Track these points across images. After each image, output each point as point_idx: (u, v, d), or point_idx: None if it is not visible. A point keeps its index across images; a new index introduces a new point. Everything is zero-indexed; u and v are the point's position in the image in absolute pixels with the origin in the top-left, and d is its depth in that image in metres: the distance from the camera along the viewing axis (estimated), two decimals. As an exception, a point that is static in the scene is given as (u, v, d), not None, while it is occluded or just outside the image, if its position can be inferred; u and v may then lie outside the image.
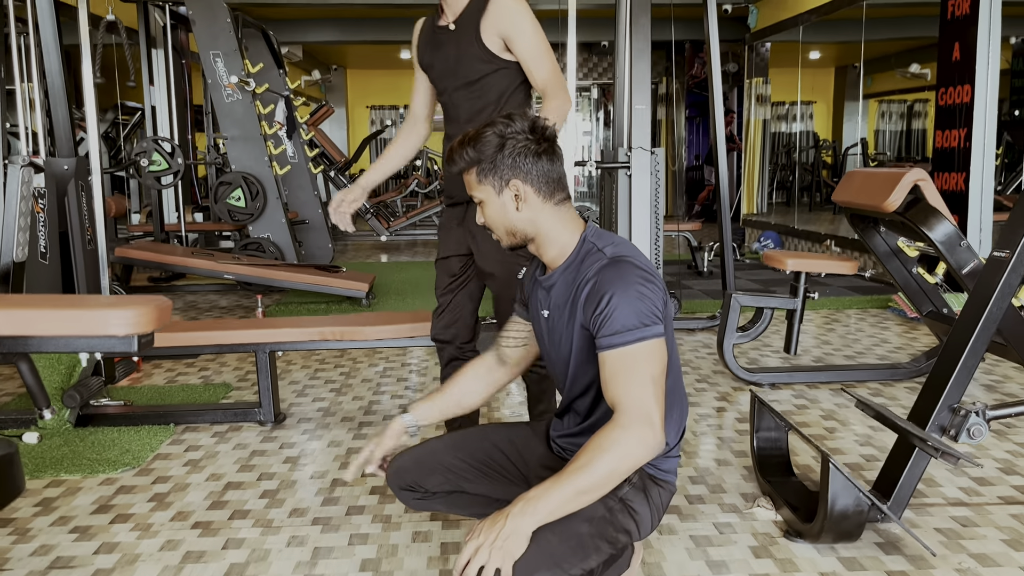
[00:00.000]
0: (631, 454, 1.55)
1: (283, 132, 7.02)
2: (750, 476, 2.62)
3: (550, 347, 1.84)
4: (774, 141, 12.26)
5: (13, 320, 1.79)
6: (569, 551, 1.55)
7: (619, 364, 1.60)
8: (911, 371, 3.67)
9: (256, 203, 6.38)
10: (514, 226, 1.75)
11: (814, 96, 13.97)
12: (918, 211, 3.31)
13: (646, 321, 1.59)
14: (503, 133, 1.70)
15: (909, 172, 3.27)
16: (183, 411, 3.26)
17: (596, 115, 14.12)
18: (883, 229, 3.75)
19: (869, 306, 5.46)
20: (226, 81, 6.24)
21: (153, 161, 6.15)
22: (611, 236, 1.76)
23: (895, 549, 2.13)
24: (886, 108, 13.70)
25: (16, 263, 3.43)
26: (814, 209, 11.83)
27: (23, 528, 2.34)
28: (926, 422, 2.24)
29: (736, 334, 3.62)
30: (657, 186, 4.36)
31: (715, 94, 4.50)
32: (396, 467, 1.96)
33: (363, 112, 14.90)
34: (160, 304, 1.91)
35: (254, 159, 6.48)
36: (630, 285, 1.61)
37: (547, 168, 1.72)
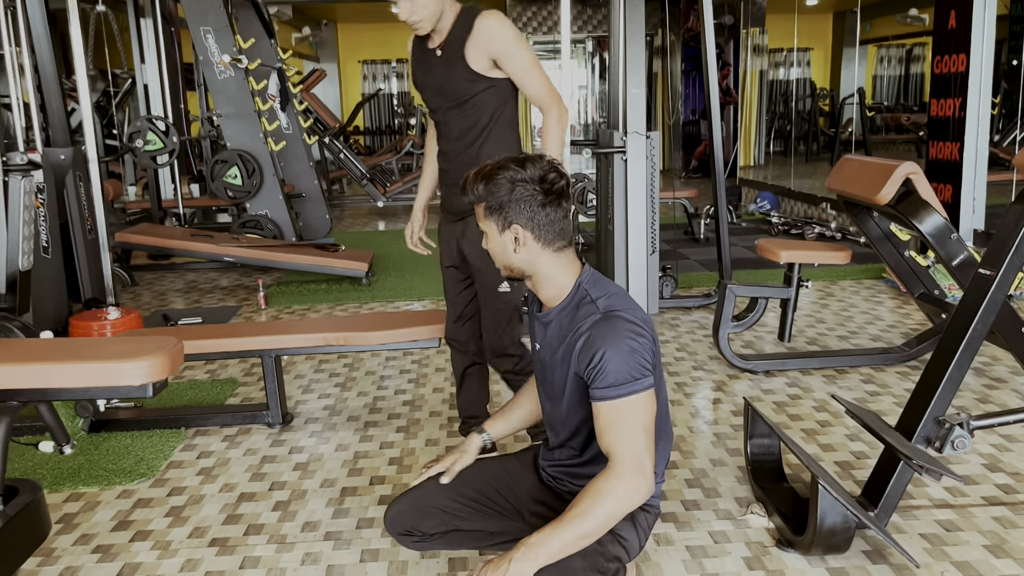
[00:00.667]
0: (626, 502, 1.69)
1: (277, 105, 6.98)
2: (744, 478, 2.72)
3: (542, 382, 1.95)
4: (771, 90, 12.17)
5: (31, 375, 1.85)
6: None
7: (613, 415, 1.70)
8: (903, 356, 3.75)
9: (253, 180, 6.38)
10: (511, 264, 1.85)
11: (811, 43, 13.81)
12: (909, 204, 3.36)
13: (636, 375, 1.70)
14: (514, 179, 1.77)
15: (901, 166, 3.31)
16: (193, 414, 3.35)
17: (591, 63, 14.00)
18: (876, 215, 3.80)
19: (863, 276, 5.53)
20: (218, 59, 6.18)
21: (148, 141, 6.13)
22: (605, 285, 1.84)
23: (881, 558, 2.24)
24: (884, 53, 13.54)
25: (22, 272, 3.48)
26: (811, 159, 11.82)
27: (48, 549, 2.44)
28: (913, 432, 2.32)
29: (731, 324, 3.69)
30: (653, 169, 4.39)
31: (709, 54, 4.46)
32: (393, 514, 2.07)
33: (355, 67, 14.74)
34: (173, 350, 1.97)
35: (249, 136, 6.46)
36: (621, 340, 1.71)
37: (551, 218, 1.79)
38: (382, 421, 3.33)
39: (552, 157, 2.15)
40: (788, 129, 12.31)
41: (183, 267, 6.45)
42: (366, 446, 3.10)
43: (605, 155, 4.52)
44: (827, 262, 3.73)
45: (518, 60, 2.46)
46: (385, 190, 9.46)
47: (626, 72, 4.31)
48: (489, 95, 2.50)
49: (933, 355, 2.39)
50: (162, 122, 6.27)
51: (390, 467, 2.91)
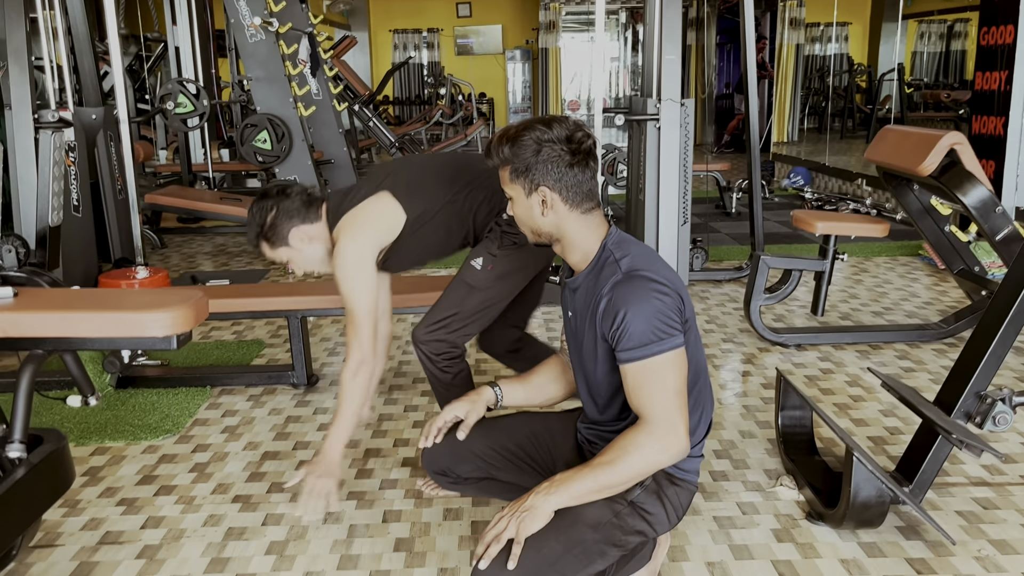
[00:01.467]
0: (654, 459, 1.65)
1: (307, 70, 6.94)
2: (774, 450, 2.66)
3: (574, 350, 1.89)
4: (807, 65, 11.92)
5: (59, 323, 1.84)
6: (573, 558, 1.64)
7: (640, 377, 1.66)
8: (939, 332, 3.66)
9: (282, 145, 6.35)
10: (539, 228, 1.80)
11: (850, 17, 13.48)
12: (953, 175, 3.25)
13: (661, 335, 1.64)
14: (540, 139, 1.71)
15: (945, 136, 3.20)
16: (219, 373, 3.35)
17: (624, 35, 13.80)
18: (916, 188, 3.70)
19: (899, 253, 5.41)
20: (249, 21, 6.14)
21: (179, 104, 6.12)
22: (629, 244, 1.78)
23: (915, 534, 2.18)
24: (925, 29, 13.18)
25: (52, 227, 3.48)
26: (846, 136, 11.58)
27: (73, 500, 2.45)
28: (952, 407, 2.25)
29: (764, 296, 3.61)
30: (686, 138, 4.29)
31: (747, 24, 4.35)
32: (432, 452, 2.05)
33: (386, 36, 14.64)
34: (197, 302, 1.95)
35: (279, 100, 6.42)
36: (643, 299, 1.65)
37: (579, 179, 1.74)
38: (407, 385, 3.31)
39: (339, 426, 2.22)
40: (823, 105, 12.07)
41: (212, 231, 6.47)
42: (390, 408, 3.08)
43: (638, 123, 4.43)
44: (864, 234, 3.64)
45: (340, 292, 2.28)
46: (414, 159, 9.40)
47: (661, 37, 4.21)
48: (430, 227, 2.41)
49: (976, 328, 2.31)
50: (193, 85, 6.25)
51: (414, 430, 2.89)
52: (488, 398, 2.04)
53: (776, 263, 3.60)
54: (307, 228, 2.32)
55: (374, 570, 2.08)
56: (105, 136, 4.72)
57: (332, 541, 2.21)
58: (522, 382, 2.10)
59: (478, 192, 2.39)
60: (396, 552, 2.15)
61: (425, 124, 11.01)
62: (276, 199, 2.31)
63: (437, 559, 2.12)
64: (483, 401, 2.03)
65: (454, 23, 14.63)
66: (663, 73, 4.23)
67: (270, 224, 2.29)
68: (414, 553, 2.15)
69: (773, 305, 4.24)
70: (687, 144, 4.29)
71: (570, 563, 1.63)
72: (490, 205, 2.39)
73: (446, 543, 2.19)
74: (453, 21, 14.63)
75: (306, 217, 2.32)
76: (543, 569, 1.60)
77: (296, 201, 2.31)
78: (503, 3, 14.47)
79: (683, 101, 4.23)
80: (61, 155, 3.55)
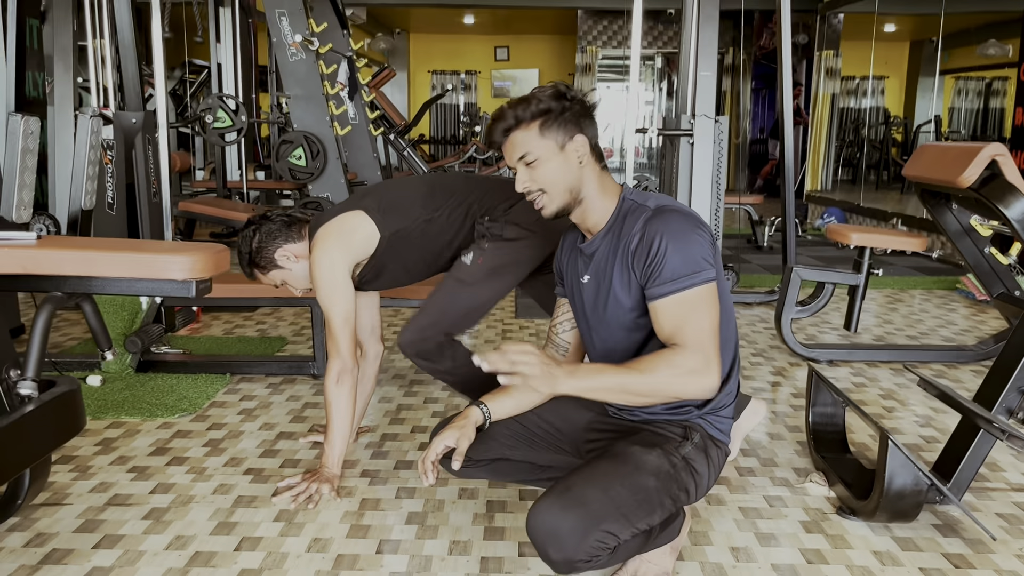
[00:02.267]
0: (683, 382, 1.59)
1: (345, 93, 7.04)
2: (803, 452, 2.57)
3: (591, 314, 1.81)
4: (842, 116, 11.91)
5: (77, 260, 1.83)
6: (636, 504, 1.57)
7: (675, 310, 1.60)
8: (978, 354, 3.55)
9: (316, 162, 6.42)
10: (573, 183, 1.71)
11: (886, 71, 13.50)
12: (995, 187, 3.16)
13: (697, 268, 1.59)
14: (560, 93, 1.69)
15: (987, 147, 3.13)
16: (239, 362, 3.33)
17: (659, 85, 13.90)
18: (955, 206, 3.61)
19: (935, 287, 5.30)
20: (291, 40, 6.26)
21: (218, 118, 6.23)
22: (648, 193, 1.75)
23: (953, 532, 2.07)
24: (963, 85, 13.15)
25: (84, 211, 3.51)
26: (881, 188, 11.50)
27: (84, 465, 2.41)
28: (992, 404, 2.16)
29: (795, 308, 3.53)
30: (720, 155, 4.27)
31: (784, 64, 4.37)
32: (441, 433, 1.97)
33: (424, 77, 14.88)
34: (218, 252, 1.94)
35: (316, 118, 6.51)
36: (678, 232, 1.61)
37: (595, 131, 1.72)
38: (428, 380, 3.25)
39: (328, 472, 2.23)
40: (857, 157, 12.03)
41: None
42: (410, 400, 3.03)
43: (671, 139, 4.42)
44: (901, 247, 3.56)
45: (317, 297, 2.26)
46: (446, 190, 9.47)
47: (697, 53, 4.22)
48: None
49: (1018, 325, 2.22)
50: (232, 101, 6.36)
51: (433, 419, 2.83)
52: (476, 419, 1.90)
53: (809, 275, 3.52)
54: (291, 247, 2.31)
55: (384, 539, 2.01)
56: (143, 139, 4.79)
57: (343, 512, 2.15)
58: (506, 392, 1.94)
59: (458, 209, 2.36)
60: (408, 525, 2.08)
61: (458, 159, 11.11)
62: (257, 224, 2.31)
63: (450, 532, 2.04)
64: (471, 424, 1.88)
65: (492, 66, 14.85)
66: (698, 89, 4.23)
67: (256, 249, 2.28)
68: (426, 527, 2.08)
69: (804, 324, 4.16)
70: (720, 161, 4.26)
71: (633, 509, 1.57)
72: (473, 220, 2.35)
73: (460, 519, 2.11)
74: (491, 64, 14.86)
75: (288, 236, 2.31)
76: (611, 511, 1.54)
77: (277, 223, 2.31)
78: (541, 48, 14.68)
79: (717, 118, 4.22)
80: (98, 140, 3.59)
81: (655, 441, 1.68)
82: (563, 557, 1.52)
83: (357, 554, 1.94)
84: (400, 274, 2.43)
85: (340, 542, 1.99)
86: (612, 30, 12.13)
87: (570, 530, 1.50)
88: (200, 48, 8.79)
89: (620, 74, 13.31)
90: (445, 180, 2.45)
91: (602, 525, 1.51)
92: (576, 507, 1.52)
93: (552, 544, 1.51)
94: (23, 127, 2.99)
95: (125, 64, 5.04)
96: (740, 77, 11.98)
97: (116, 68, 4.94)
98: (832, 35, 10.70)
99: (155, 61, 4.53)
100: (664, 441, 1.69)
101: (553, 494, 1.55)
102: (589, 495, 1.54)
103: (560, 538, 1.50)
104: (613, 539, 1.54)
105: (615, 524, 1.53)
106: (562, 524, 1.50)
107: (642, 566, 1.78)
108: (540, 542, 1.53)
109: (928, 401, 3.05)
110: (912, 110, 13.02)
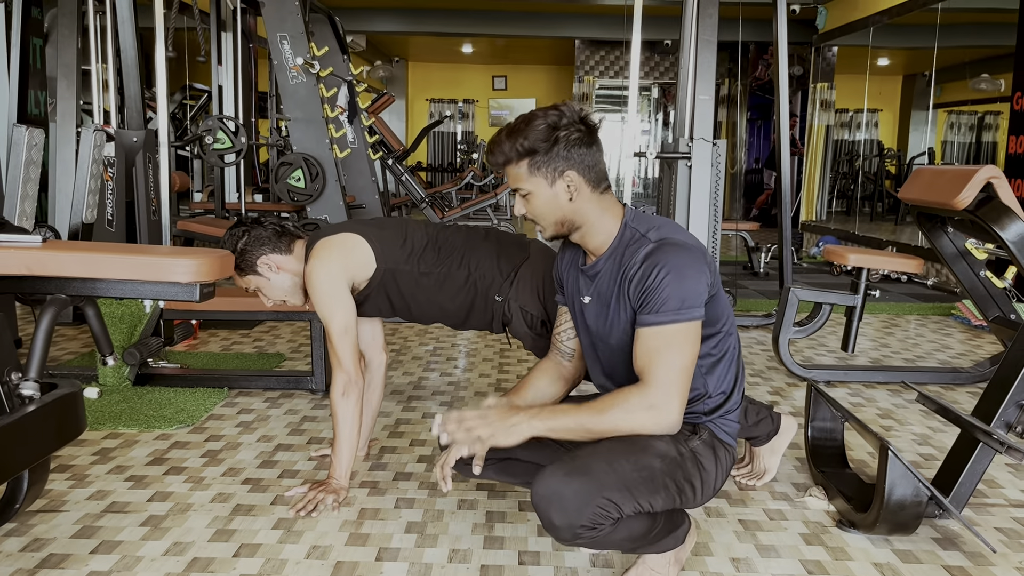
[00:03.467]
0: (640, 424, 1.63)
1: (344, 117, 7.09)
2: (802, 467, 2.57)
3: (594, 334, 1.83)
4: (836, 149, 12.02)
5: (82, 262, 1.83)
6: (640, 480, 1.59)
7: (653, 342, 1.62)
8: (974, 376, 3.56)
9: (315, 184, 6.45)
10: (565, 216, 1.73)
11: (880, 104, 13.65)
12: (990, 209, 3.20)
13: (686, 304, 1.61)
14: (556, 124, 1.66)
15: (982, 169, 3.17)
16: (237, 376, 3.32)
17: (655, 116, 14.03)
18: (951, 230, 3.65)
19: (931, 312, 5.32)
20: (291, 63, 6.32)
21: (217, 139, 6.26)
22: (650, 219, 1.75)
23: (953, 545, 2.07)
24: (955, 119, 13.28)
25: (85, 224, 3.52)
26: (875, 219, 11.57)
27: (81, 474, 2.40)
28: (990, 419, 2.16)
29: (793, 329, 3.55)
30: (718, 179, 4.30)
31: (781, 95, 4.42)
32: None
33: (423, 105, 15.00)
34: (223, 256, 1.94)
35: (315, 141, 6.55)
36: (677, 266, 1.62)
37: (596, 157, 1.71)
38: (426, 396, 3.25)
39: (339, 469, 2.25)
40: (851, 189, 12.12)
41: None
42: (408, 415, 3.02)
43: (669, 163, 4.45)
44: (897, 268, 3.57)
45: (317, 310, 2.27)
46: (443, 215, 9.50)
47: (695, 77, 4.26)
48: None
49: (1015, 340, 2.24)
50: (232, 122, 6.40)
51: (431, 433, 2.82)
52: None
53: (807, 296, 3.54)
54: (277, 257, 2.31)
55: (383, 547, 2.00)
56: (144, 158, 4.81)
57: (342, 521, 2.14)
58: (518, 395, 1.97)
59: (458, 272, 2.33)
60: (407, 534, 2.07)
61: (456, 185, 11.17)
62: (248, 227, 2.31)
63: (449, 541, 2.04)
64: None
65: (489, 95, 14.98)
66: (696, 113, 4.27)
67: (240, 251, 2.28)
68: (425, 535, 2.07)
69: (801, 347, 4.17)
70: (718, 184, 4.29)
71: (637, 484, 1.59)
72: (475, 288, 2.34)
73: (459, 528, 2.10)
74: (488, 93, 14.99)
75: (276, 247, 2.31)
76: (614, 481, 1.56)
77: (268, 231, 2.32)
78: (538, 77, 14.82)
79: (715, 141, 4.25)
80: (101, 154, 3.61)
81: None
82: (566, 522, 1.54)
83: (356, 561, 1.93)
84: (385, 307, 2.41)
85: (339, 549, 1.98)
86: (609, 60, 12.26)
87: (573, 494, 1.53)
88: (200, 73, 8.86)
89: (617, 104, 13.44)
90: (446, 236, 2.40)
91: (604, 492, 1.54)
92: (580, 475, 1.56)
93: (556, 508, 1.54)
94: (27, 138, 3.01)
95: (127, 83, 5.08)
96: (738, 108, 12.10)
97: (118, 91, 4.99)
98: (827, 68, 10.84)
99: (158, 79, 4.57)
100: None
101: (559, 463, 1.59)
102: (594, 465, 1.57)
103: (564, 501, 1.54)
104: (615, 509, 1.56)
105: (617, 494, 1.56)
106: (566, 489, 1.54)
107: (644, 572, 1.78)
108: (544, 507, 1.56)
109: (926, 420, 3.06)
110: (905, 142, 13.14)
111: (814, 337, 4.43)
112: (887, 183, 12.67)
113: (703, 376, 1.75)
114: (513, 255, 2.34)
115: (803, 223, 9.56)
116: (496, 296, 2.32)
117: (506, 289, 2.31)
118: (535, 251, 2.38)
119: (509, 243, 2.39)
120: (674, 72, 12.75)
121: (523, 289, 2.30)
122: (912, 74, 13.01)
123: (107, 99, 4.84)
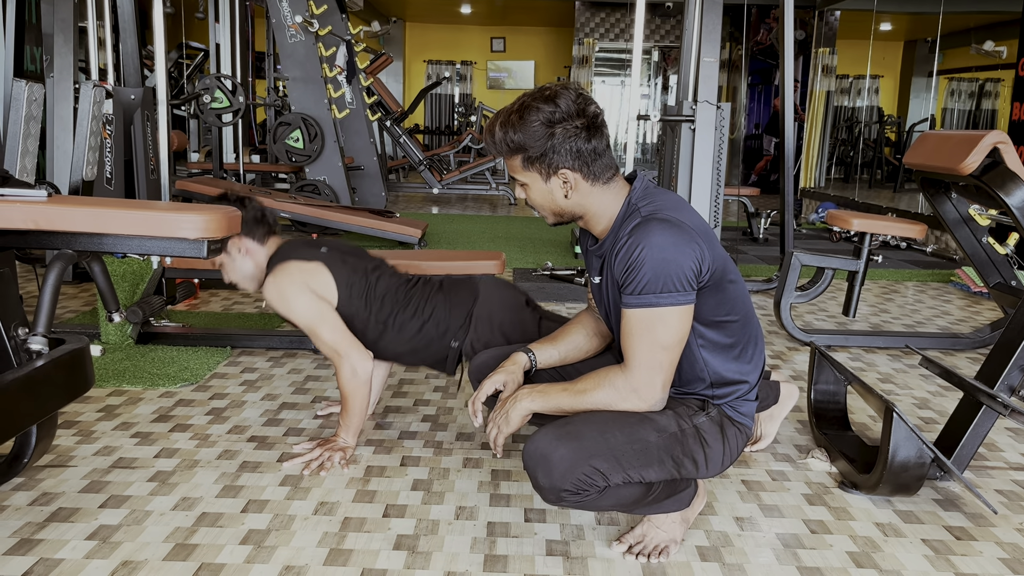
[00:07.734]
0: (624, 402, 1.65)
1: (343, 77, 7.02)
2: (804, 430, 2.58)
3: (607, 310, 1.82)
4: (836, 115, 11.95)
5: (90, 217, 1.82)
6: (632, 452, 1.60)
7: (634, 324, 1.60)
8: (974, 341, 3.57)
9: (314, 145, 6.41)
10: (562, 209, 1.71)
11: (881, 70, 13.56)
12: (996, 175, 3.19)
13: (667, 288, 1.55)
14: (551, 119, 1.58)
15: (989, 134, 3.15)
16: (240, 335, 3.32)
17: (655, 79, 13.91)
18: (954, 195, 3.64)
19: (930, 279, 5.33)
20: (290, 21, 6.24)
21: (215, 98, 6.19)
22: (655, 193, 1.68)
23: (954, 506, 2.09)
24: (956, 86, 13.21)
25: (85, 181, 3.49)
26: (874, 186, 11.54)
27: (87, 430, 2.41)
28: (993, 383, 2.18)
29: (795, 293, 3.55)
30: (721, 143, 4.28)
31: (786, 60, 4.38)
32: (479, 363, 2.04)
33: (420, 66, 14.85)
34: (230, 213, 1.93)
35: (314, 101, 6.50)
36: (660, 246, 1.54)
37: (597, 151, 1.63)
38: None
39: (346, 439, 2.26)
40: (851, 155, 12.07)
41: (238, 227, 6.48)
42: (412, 375, 3.03)
43: (672, 126, 4.43)
44: (901, 234, 3.57)
45: (295, 319, 2.27)
46: (441, 178, 9.46)
47: (700, 39, 4.22)
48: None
49: (1020, 305, 2.24)
50: (230, 81, 6.33)
51: (434, 393, 2.83)
52: (523, 363, 1.93)
53: (809, 260, 3.54)
54: (247, 242, 2.32)
55: (390, 504, 2.01)
56: (142, 116, 4.76)
57: (348, 478, 2.15)
58: (554, 343, 1.98)
59: (411, 322, 2.32)
60: (414, 491, 2.09)
61: (453, 148, 11.10)
62: (233, 206, 2.29)
63: (456, 499, 2.05)
64: (519, 368, 1.91)
65: (488, 57, 14.83)
66: (700, 75, 4.23)
67: None
68: (432, 493, 2.08)
69: (801, 312, 4.18)
70: (721, 148, 4.27)
71: (628, 455, 1.59)
72: (430, 336, 2.32)
73: (465, 486, 2.12)
74: (487, 55, 14.83)
75: (251, 232, 2.32)
76: (603, 450, 1.57)
77: (249, 213, 2.31)
78: (537, 39, 14.67)
79: (719, 104, 4.23)
80: (100, 111, 3.57)
81: (671, 405, 1.69)
82: (550, 483, 1.57)
83: (364, 517, 1.94)
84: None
85: (347, 506, 1.99)
86: (609, 23, 12.12)
87: (560, 458, 1.55)
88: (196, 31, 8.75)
89: (616, 68, 13.32)
90: (406, 288, 2.38)
91: (591, 461, 1.56)
92: (570, 440, 1.57)
93: (541, 469, 1.57)
94: (27, 93, 2.96)
95: (124, 39, 5.01)
96: (737, 72, 12.01)
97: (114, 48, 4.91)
98: (829, 32, 10.74)
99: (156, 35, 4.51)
100: (679, 406, 1.70)
101: (552, 426, 1.61)
102: (585, 432, 1.59)
103: (549, 464, 1.56)
104: (601, 478, 1.57)
105: (605, 463, 1.57)
106: (553, 452, 1.56)
107: (650, 531, 1.80)
108: (531, 467, 1.59)
109: (926, 384, 3.08)
110: (906, 110, 13.08)
111: (814, 302, 4.44)
112: (887, 150, 12.62)
113: (719, 362, 1.71)
114: (464, 300, 2.33)
115: (802, 190, 9.54)
116: (452, 342, 2.32)
117: (461, 335, 2.31)
118: (483, 288, 2.38)
119: (459, 290, 2.37)
120: (675, 35, 12.62)
121: (481, 329, 2.30)
122: (913, 40, 12.91)
123: (103, 56, 4.76)
